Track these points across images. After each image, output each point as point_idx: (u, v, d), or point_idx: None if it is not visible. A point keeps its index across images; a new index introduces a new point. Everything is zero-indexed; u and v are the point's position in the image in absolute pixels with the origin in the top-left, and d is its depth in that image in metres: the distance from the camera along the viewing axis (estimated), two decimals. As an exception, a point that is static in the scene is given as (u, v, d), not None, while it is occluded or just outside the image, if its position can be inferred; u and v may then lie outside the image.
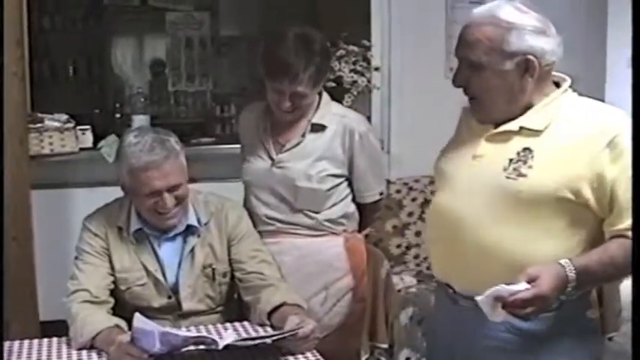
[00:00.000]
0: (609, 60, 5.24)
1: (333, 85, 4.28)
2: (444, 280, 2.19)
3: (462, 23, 2.17)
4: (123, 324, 2.44)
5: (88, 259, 2.62)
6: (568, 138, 2.01)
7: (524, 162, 2.01)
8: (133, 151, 2.51)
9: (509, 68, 2.02)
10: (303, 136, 2.81)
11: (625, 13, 2.37)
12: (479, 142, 2.12)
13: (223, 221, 2.71)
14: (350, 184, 2.87)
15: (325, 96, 2.87)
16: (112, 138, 4.47)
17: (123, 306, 2.62)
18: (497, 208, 2.03)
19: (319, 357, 2.33)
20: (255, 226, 2.82)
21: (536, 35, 2.02)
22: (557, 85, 2.14)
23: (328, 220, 2.82)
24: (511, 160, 2.03)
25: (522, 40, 2.01)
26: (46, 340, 2.53)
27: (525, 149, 2.02)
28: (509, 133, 2.07)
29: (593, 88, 5.14)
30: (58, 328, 2.56)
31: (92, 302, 2.54)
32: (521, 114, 2.07)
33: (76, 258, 2.65)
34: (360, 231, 2.99)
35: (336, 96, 3.86)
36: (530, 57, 2.02)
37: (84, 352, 2.41)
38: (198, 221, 2.67)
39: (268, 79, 2.70)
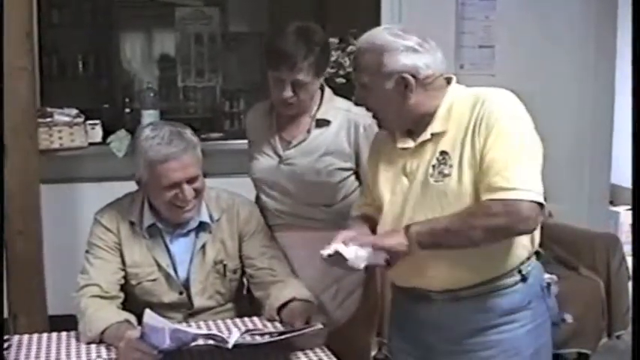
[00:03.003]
0: (619, 61, 5.23)
1: (343, 81, 4.28)
2: (418, 286, 2.27)
3: (471, 19, 2.24)
4: (133, 319, 2.45)
5: (99, 254, 2.63)
6: (461, 129, 2.16)
7: (445, 164, 2.16)
8: (151, 144, 2.51)
9: (390, 87, 2.19)
10: (309, 131, 2.82)
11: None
12: (402, 161, 2.27)
13: (235, 217, 2.71)
14: (358, 177, 2.87)
15: (328, 91, 2.88)
16: (121, 133, 4.47)
17: (133, 301, 2.62)
18: (433, 213, 2.16)
19: (329, 353, 2.34)
20: (266, 220, 2.83)
21: (407, 54, 2.17)
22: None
23: (340, 214, 2.81)
24: (434, 166, 2.18)
25: (395, 60, 2.16)
26: (54, 334, 2.54)
27: (442, 152, 2.17)
28: (425, 143, 2.21)
29: (602, 89, 5.14)
30: (66, 323, 2.56)
31: (102, 297, 2.55)
32: (426, 121, 2.22)
33: (87, 252, 2.65)
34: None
35: (346, 92, 3.85)
36: (405, 75, 2.16)
37: (93, 347, 2.41)
38: (210, 217, 2.67)
39: (269, 69, 2.72)
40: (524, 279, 2.22)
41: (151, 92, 5.34)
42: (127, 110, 5.77)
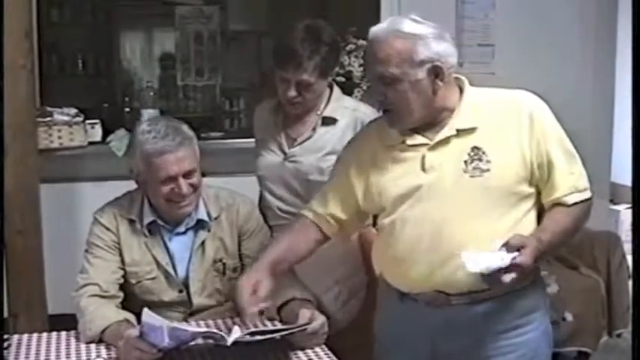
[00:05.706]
0: (619, 58, 5.22)
1: (343, 79, 4.27)
2: (434, 289, 2.21)
3: (472, 18, 2.22)
4: (132, 318, 2.44)
5: (98, 253, 2.62)
6: (499, 128, 2.14)
7: (480, 159, 2.12)
8: (147, 138, 2.52)
9: (421, 77, 2.12)
10: (315, 129, 2.82)
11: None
12: (416, 156, 2.19)
13: (234, 216, 2.70)
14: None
15: (336, 90, 2.89)
16: (121, 132, 4.48)
17: (133, 300, 2.62)
18: (470, 207, 2.12)
19: (329, 352, 2.33)
20: (269, 219, 2.82)
21: (437, 42, 2.13)
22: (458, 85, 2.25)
23: None
24: (466, 162, 2.12)
25: (428, 48, 2.11)
26: (54, 333, 2.54)
27: (474, 148, 2.13)
28: (449, 138, 2.16)
29: (601, 87, 5.14)
30: (66, 322, 2.56)
31: (101, 296, 2.54)
32: (444, 116, 2.18)
33: (86, 251, 2.65)
34: (374, 225, 2.97)
35: (346, 90, 3.85)
36: (437, 63, 2.12)
37: (92, 346, 2.41)
38: (208, 216, 2.67)
39: (276, 68, 2.73)
40: (537, 279, 2.23)
41: (150, 91, 5.36)
42: (127, 109, 5.79)
